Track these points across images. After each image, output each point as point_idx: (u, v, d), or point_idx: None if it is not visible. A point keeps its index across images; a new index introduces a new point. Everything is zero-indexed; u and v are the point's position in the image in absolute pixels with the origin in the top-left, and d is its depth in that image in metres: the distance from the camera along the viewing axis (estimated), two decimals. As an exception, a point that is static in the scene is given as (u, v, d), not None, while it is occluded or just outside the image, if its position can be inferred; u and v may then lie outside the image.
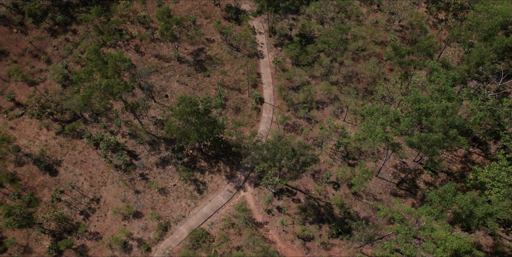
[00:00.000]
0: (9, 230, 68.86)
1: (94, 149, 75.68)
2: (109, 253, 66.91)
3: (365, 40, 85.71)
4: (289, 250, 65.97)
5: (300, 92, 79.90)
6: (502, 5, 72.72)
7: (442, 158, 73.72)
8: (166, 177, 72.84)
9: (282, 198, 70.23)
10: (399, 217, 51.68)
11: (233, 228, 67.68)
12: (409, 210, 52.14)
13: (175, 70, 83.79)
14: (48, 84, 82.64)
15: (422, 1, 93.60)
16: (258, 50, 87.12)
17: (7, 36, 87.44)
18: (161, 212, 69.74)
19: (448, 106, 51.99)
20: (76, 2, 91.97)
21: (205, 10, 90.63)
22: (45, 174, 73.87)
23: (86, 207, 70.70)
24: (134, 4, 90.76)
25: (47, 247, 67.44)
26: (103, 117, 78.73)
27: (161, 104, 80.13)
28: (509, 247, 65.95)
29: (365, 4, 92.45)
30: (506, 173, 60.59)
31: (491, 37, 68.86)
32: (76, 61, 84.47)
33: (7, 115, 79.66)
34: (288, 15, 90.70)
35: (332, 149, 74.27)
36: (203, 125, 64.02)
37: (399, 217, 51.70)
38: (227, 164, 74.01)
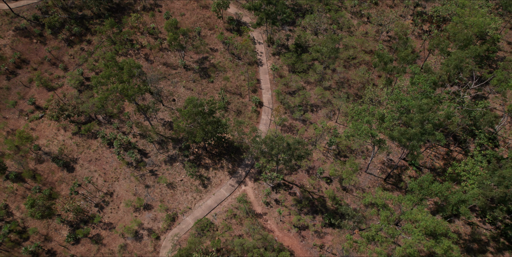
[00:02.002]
0: (31, 220, 75.54)
1: (108, 148, 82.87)
2: (122, 241, 73.50)
3: (356, 50, 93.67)
4: (286, 238, 72.63)
5: (296, 97, 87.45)
6: (476, 17, 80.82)
7: (426, 155, 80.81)
8: (173, 173, 79.87)
9: (280, 192, 77.16)
10: (381, 202, 58.60)
11: (235, 219, 74.43)
12: (390, 196, 59.19)
13: (182, 77, 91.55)
14: (65, 89, 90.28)
15: (408, 14, 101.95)
16: (257, 58, 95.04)
17: (28, 46, 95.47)
18: (169, 204, 76.57)
19: (423, 103, 59.39)
20: (91, 15, 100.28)
21: (209, 22, 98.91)
22: (63, 171, 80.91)
23: (100, 200, 77.56)
24: (144, 17, 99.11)
25: (65, 235, 74.10)
26: (116, 119, 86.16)
27: (169, 107, 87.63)
28: (485, 235, 72.56)
29: (356, 16, 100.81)
30: (480, 167, 67.68)
31: (467, 46, 76.76)
32: (91, 69, 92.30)
33: (28, 117, 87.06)
34: (285, 27, 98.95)
35: (325, 147, 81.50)
36: (208, 125, 71.36)
37: (382, 202, 58.63)
38: (229, 161, 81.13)
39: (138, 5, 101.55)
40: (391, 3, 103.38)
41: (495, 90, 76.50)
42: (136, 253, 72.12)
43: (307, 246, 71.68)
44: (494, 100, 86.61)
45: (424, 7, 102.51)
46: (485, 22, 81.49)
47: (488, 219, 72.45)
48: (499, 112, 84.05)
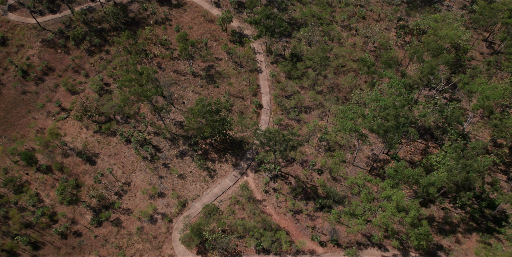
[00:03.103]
0: (59, 206, 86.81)
1: (125, 144, 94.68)
2: (139, 224, 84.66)
3: (345, 58, 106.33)
4: (282, 221, 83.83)
5: (292, 100, 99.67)
6: (448, 30, 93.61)
7: (406, 150, 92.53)
8: (184, 165, 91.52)
9: (277, 181, 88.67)
10: (361, 182, 70.06)
11: (238, 204, 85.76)
12: (369, 178, 70.62)
13: (190, 82, 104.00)
14: (87, 93, 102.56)
15: (392, 27, 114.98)
16: (257, 66, 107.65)
17: (53, 55, 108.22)
18: (180, 192, 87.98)
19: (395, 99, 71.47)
20: (109, 28, 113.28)
21: (215, 34, 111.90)
22: (86, 164, 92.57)
23: (119, 189, 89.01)
24: (156, 30, 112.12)
25: (89, 219, 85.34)
26: (132, 119, 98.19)
27: (179, 109, 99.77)
28: (456, 218, 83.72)
29: (345, 29, 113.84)
30: (449, 158, 79.30)
31: (439, 54, 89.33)
32: (109, 75, 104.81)
33: (55, 118, 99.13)
34: (282, 39, 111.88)
35: (317, 143, 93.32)
36: (215, 122, 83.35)
37: (361, 182, 70.09)
38: (232, 155, 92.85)
39: (151, 19, 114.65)
40: (377, 18, 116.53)
41: (462, 92, 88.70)
42: (152, 234, 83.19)
43: (300, 227, 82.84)
44: (467, 102, 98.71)
45: (406, 21, 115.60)
46: (456, 35, 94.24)
47: (458, 203, 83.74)
48: (470, 113, 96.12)
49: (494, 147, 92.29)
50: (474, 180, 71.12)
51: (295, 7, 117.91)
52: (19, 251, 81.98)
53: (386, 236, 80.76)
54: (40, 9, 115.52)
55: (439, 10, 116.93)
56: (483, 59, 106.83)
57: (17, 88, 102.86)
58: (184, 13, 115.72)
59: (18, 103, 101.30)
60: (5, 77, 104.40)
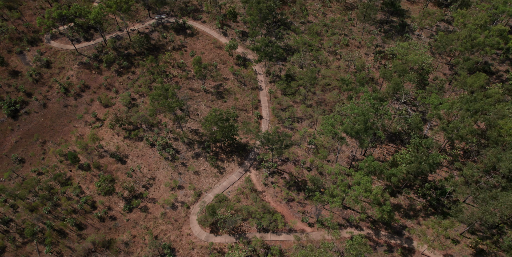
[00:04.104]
0: (97, 196, 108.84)
1: (150, 147, 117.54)
2: (162, 210, 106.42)
3: (330, 78, 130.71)
4: (278, 207, 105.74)
5: (286, 112, 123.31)
6: (413, 55, 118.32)
7: (379, 152, 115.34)
8: (198, 164, 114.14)
9: (274, 176, 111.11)
10: (337, 171, 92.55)
11: (242, 194, 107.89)
12: (344, 168, 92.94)
13: (203, 98, 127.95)
14: (117, 106, 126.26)
15: (371, 53, 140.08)
16: (258, 85, 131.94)
17: (89, 75, 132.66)
18: (196, 185, 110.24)
19: (365, 109, 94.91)
20: (134, 53, 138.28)
21: (223, 58, 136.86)
22: (118, 163, 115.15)
23: (146, 183, 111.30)
24: (174, 55, 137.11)
25: (122, 206, 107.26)
26: (155, 127, 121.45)
27: (194, 119, 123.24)
28: (418, 205, 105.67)
29: (331, 54, 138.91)
30: (410, 155, 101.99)
31: (404, 75, 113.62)
32: (135, 92, 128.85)
33: (91, 126, 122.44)
34: (278, 62, 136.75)
35: (307, 146, 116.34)
36: (225, 128, 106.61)
37: (337, 171, 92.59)
38: (238, 156, 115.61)
39: (169, 46, 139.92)
40: (358, 44, 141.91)
41: (420, 104, 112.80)
42: (173, 218, 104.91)
43: (293, 212, 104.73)
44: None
45: (382, 47, 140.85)
46: (420, 59, 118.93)
47: (420, 193, 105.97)
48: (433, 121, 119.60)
49: (452, 149, 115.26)
50: (425, 169, 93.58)
51: (289, 36, 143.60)
52: (67, 231, 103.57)
53: (361, 219, 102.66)
54: (77, 37, 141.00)
55: (410, 38, 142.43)
56: (445, 79, 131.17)
57: (60, 103, 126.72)
58: (197, 41, 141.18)
59: (61, 115, 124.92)
60: (50, 93, 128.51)
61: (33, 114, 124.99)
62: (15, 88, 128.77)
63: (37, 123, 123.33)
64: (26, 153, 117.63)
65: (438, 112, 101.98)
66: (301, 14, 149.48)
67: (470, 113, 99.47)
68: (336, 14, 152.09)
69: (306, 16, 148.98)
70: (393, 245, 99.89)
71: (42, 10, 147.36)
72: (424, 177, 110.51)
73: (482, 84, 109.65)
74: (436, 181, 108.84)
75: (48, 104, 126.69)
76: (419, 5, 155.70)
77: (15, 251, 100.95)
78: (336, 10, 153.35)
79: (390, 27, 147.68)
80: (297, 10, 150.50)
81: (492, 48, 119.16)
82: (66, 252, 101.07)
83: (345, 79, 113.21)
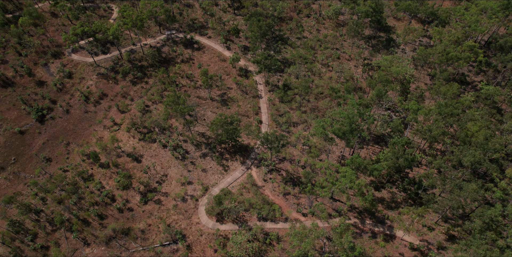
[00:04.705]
0: (116, 191, 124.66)
1: (162, 148, 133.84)
2: (174, 202, 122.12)
3: (323, 88, 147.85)
4: (276, 199, 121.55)
5: (283, 117, 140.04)
6: (395, 67, 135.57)
7: (365, 152, 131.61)
8: (206, 163, 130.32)
9: (272, 173, 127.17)
10: (326, 165, 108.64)
11: (244, 189, 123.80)
12: (331, 163, 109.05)
13: (209, 105, 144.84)
14: (133, 112, 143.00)
15: (360, 65, 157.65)
16: (258, 93, 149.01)
17: (106, 85, 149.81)
18: (204, 181, 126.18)
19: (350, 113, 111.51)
20: (147, 65, 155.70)
21: (227, 70, 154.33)
22: (134, 162, 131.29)
23: (159, 179, 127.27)
24: (183, 66, 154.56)
25: (138, 199, 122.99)
26: (167, 131, 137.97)
27: (201, 124, 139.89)
28: (399, 198, 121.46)
29: (324, 66, 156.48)
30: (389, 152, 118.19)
31: (387, 84, 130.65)
32: (149, 99, 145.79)
33: (109, 130, 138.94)
34: (276, 73, 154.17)
35: (301, 147, 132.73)
36: (229, 130, 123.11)
37: (326, 165, 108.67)
38: (241, 156, 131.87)
39: (179, 58, 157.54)
40: (348, 58, 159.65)
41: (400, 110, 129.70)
42: (184, 209, 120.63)
43: (289, 204, 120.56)
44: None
45: (370, 60, 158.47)
46: (402, 71, 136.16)
47: (400, 188, 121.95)
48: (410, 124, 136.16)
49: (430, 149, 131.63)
50: (402, 164, 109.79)
51: (286, 50, 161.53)
52: (90, 220, 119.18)
53: (349, 210, 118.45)
54: (95, 51, 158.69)
55: (395, 52, 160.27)
56: (425, 88, 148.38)
57: (82, 109, 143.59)
58: (203, 54, 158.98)
59: (83, 120, 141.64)
60: (72, 101, 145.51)
61: (57, 119, 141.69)
62: (42, 96, 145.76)
63: (61, 127, 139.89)
64: (52, 153, 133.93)
65: (416, 116, 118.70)
66: (297, 31, 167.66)
67: (442, 117, 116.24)
68: (329, 30, 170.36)
69: (302, 32, 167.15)
70: (376, 232, 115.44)
71: (64, 27, 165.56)
72: (405, 174, 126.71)
73: (455, 92, 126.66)
74: (415, 178, 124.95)
75: (70, 110, 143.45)
76: (404, 22, 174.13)
77: (45, 237, 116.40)
78: (329, 27, 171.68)
79: (377, 42, 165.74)
80: (294, 27, 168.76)
81: (465, 61, 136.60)
82: (90, 238, 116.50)
83: (334, 88, 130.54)
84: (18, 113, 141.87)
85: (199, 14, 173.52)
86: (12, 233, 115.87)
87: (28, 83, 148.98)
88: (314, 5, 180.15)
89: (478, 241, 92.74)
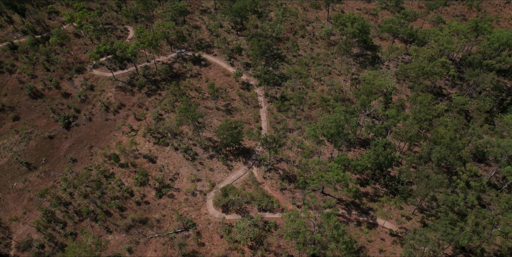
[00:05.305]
0: (134, 187, 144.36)
1: (175, 151, 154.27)
2: (185, 197, 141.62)
3: (316, 99, 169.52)
4: (274, 194, 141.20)
5: (281, 124, 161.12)
6: (378, 80, 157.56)
7: (352, 154, 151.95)
8: (212, 163, 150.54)
9: (271, 172, 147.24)
10: (316, 162, 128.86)
11: (247, 185, 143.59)
12: (321, 160, 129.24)
13: (215, 114, 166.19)
14: (148, 120, 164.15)
15: (349, 79, 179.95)
16: (259, 104, 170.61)
17: (124, 96, 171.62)
18: (211, 178, 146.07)
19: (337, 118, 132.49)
20: (160, 79, 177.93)
21: (230, 83, 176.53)
22: (149, 162, 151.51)
23: (172, 177, 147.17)
24: (192, 80, 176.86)
25: (154, 194, 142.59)
26: (178, 136, 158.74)
27: (208, 130, 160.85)
28: (381, 192, 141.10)
29: (316, 80, 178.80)
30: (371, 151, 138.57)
31: (371, 95, 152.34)
32: (162, 109, 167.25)
33: (127, 135, 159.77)
34: (275, 86, 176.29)
35: (296, 150, 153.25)
36: (234, 134, 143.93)
37: (316, 162, 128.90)
38: (243, 157, 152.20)
39: (188, 73, 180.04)
40: (338, 73, 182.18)
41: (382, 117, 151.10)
42: (194, 202, 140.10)
43: (285, 197, 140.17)
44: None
45: (358, 75, 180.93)
46: (384, 83, 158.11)
47: (382, 183, 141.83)
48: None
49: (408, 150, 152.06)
50: (381, 160, 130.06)
51: (283, 66, 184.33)
52: (112, 211, 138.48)
53: (337, 202, 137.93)
54: (114, 67, 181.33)
55: (380, 68, 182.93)
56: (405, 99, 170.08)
57: (102, 117, 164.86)
58: (210, 70, 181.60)
59: (104, 126, 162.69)
60: (94, 110, 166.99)
61: (81, 126, 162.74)
62: (67, 106, 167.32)
63: (85, 133, 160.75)
64: (77, 154, 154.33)
65: (395, 121, 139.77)
66: (293, 49, 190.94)
67: (416, 121, 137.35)
68: (321, 49, 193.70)
69: (297, 50, 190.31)
70: (361, 221, 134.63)
71: (85, 46, 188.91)
72: (387, 173, 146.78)
73: (429, 101, 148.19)
74: (396, 176, 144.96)
75: (93, 118, 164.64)
76: (388, 42, 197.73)
77: (73, 226, 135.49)
78: (321, 46, 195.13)
79: (364, 59, 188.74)
80: (290, 46, 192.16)
81: (438, 75, 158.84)
82: (112, 227, 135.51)
83: (325, 98, 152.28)
84: (47, 121, 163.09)
85: (205, 35, 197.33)
86: (45, 221, 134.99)
87: (56, 95, 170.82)
88: (308, 27, 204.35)
89: (442, 221, 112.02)
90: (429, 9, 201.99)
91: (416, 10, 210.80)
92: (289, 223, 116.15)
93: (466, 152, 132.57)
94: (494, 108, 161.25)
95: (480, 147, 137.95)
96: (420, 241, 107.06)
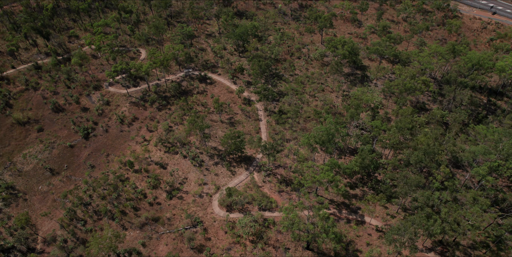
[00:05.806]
0: (147, 189, 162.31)
1: (183, 158, 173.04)
2: (193, 198, 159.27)
3: (310, 113, 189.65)
4: (273, 195, 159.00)
5: (278, 135, 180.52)
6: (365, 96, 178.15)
7: (343, 161, 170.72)
8: (217, 169, 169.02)
9: (270, 176, 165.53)
10: (310, 164, 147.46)
11: (248, 188, 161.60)
12: (314, 163, 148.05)
13: (220, 126, 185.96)
14: (159, 131, 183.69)
15: (340, 95, 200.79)
16: (259, 117, 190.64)
17: (137, 111, 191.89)
18: (216, 182, 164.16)
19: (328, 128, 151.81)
20: (170, 96, 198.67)
21: (233, 99, 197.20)
22: (160, 168, 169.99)
23: (181, 181, 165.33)
24: (199, 97, 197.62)
25: (165, 196, 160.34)
26: (187, 145, 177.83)
27: (214, 140, 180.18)
28: (369, 194, 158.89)
29: (311, 97, 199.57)
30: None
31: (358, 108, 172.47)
32: (172, 122, 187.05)
33: (141, 144, 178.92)
34: (273, 102, 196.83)
35: (292, 157, 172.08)
36: (237, 142, 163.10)
37: (310, 165, 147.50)
38: (245, 164, 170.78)
39: (195, 90, 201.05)
40: (331, 90, 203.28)
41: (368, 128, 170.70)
42: (201, 203, 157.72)
43: (283, 198, 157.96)
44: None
45: (348, 92, 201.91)
46: (372, 99, 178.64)
47: (370, 186, 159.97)
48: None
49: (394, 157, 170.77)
50: (366, 163, 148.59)
51: (281, 84, 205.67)
52: (127, 211, 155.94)
53: (329, 203, 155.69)
54: (127, 84, 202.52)
55: (368, 85, 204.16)
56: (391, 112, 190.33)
57: (118, 129, 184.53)
58: (214, 87, 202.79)
59: (119, 137, 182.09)
60: (110, 123, 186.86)
61: (99, 136, 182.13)
62: (86, 119, 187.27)
63: (102, 143, 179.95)
64: (95, 161, 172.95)
65: (380, 130, 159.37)
66: (290, 69, 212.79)
67: (398, 130, 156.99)
68: (315, 69, 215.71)
69: (294, 70, 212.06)
70: (350, 219, 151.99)
71: (101, 66, 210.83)
72: (374, 177, 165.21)
73: (410, 113, 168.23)
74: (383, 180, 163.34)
75: (109, 130, 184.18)
76: (376, 62, 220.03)
77: (93, 223, 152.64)
78: (316, 66, 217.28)
79: (355, 77, 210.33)
80: (287, 66, 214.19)
81: (419, 91, 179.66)
82: (127, 224, 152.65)
83: (318, 111, 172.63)
84: (68, 132, 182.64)
85: (211, 56, 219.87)
86: (68, 219, 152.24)
87: (75, 109, 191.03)
88: (304, 49, 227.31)
89: (419, 214, 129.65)
90: (413, 33, 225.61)
91: (402, 34, 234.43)
92: (285, 216, 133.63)
93: (442, 157, 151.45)
94: (470, 121, 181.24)
95: (454, 152, 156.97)
96: (399, 229, 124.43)
